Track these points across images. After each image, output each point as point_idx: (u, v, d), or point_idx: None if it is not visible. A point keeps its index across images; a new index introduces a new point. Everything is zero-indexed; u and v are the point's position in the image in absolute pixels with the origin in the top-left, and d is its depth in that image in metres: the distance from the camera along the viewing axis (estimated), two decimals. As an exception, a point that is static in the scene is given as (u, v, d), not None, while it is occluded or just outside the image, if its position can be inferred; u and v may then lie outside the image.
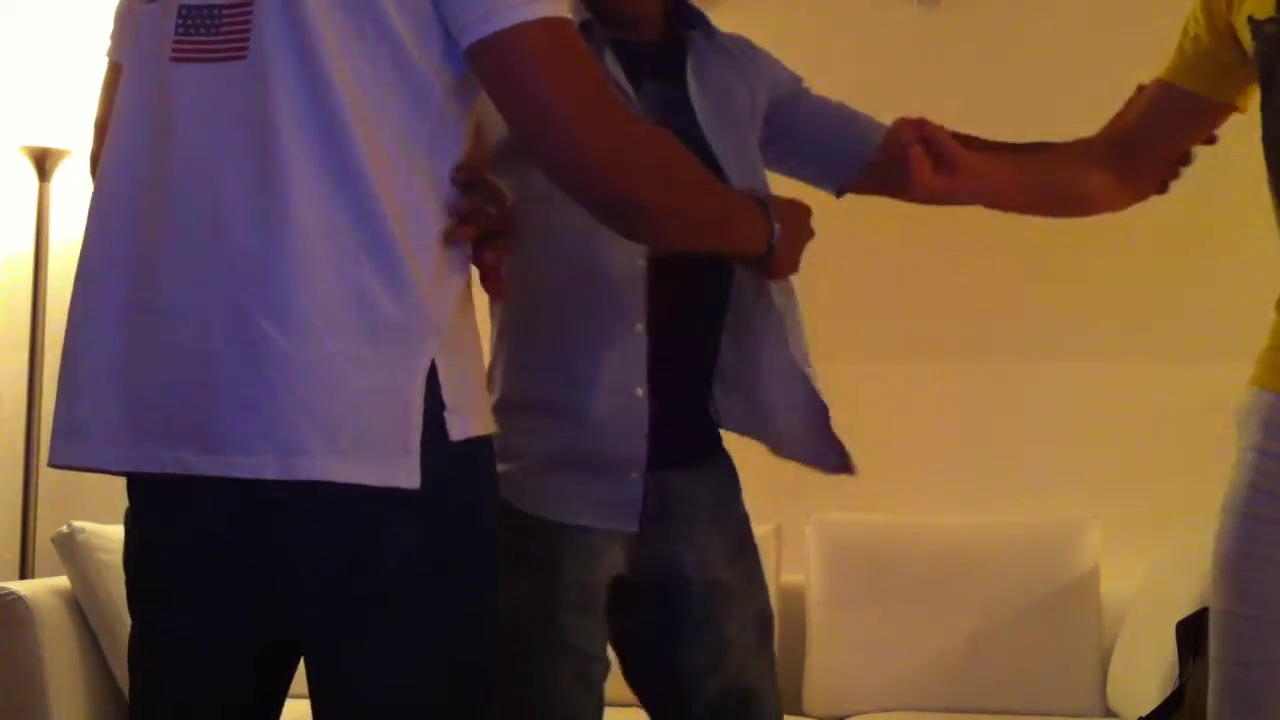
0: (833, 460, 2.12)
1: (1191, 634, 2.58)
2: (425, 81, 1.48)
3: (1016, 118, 2.02)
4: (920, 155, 1.89)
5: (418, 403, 1.45)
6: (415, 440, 1.45)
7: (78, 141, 3.61)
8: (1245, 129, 1.88)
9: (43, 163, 3.77)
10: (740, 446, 2.12)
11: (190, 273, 1.45)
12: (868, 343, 3.67)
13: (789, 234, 1.81)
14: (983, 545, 3.42)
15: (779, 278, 1.93)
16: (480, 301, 1.62)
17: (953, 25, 3.66)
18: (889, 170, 2.10)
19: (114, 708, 3.17)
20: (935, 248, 3.51)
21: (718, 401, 2.08)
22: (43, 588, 3.20)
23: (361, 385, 1.43)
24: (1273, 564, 1.74)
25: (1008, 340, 3.64)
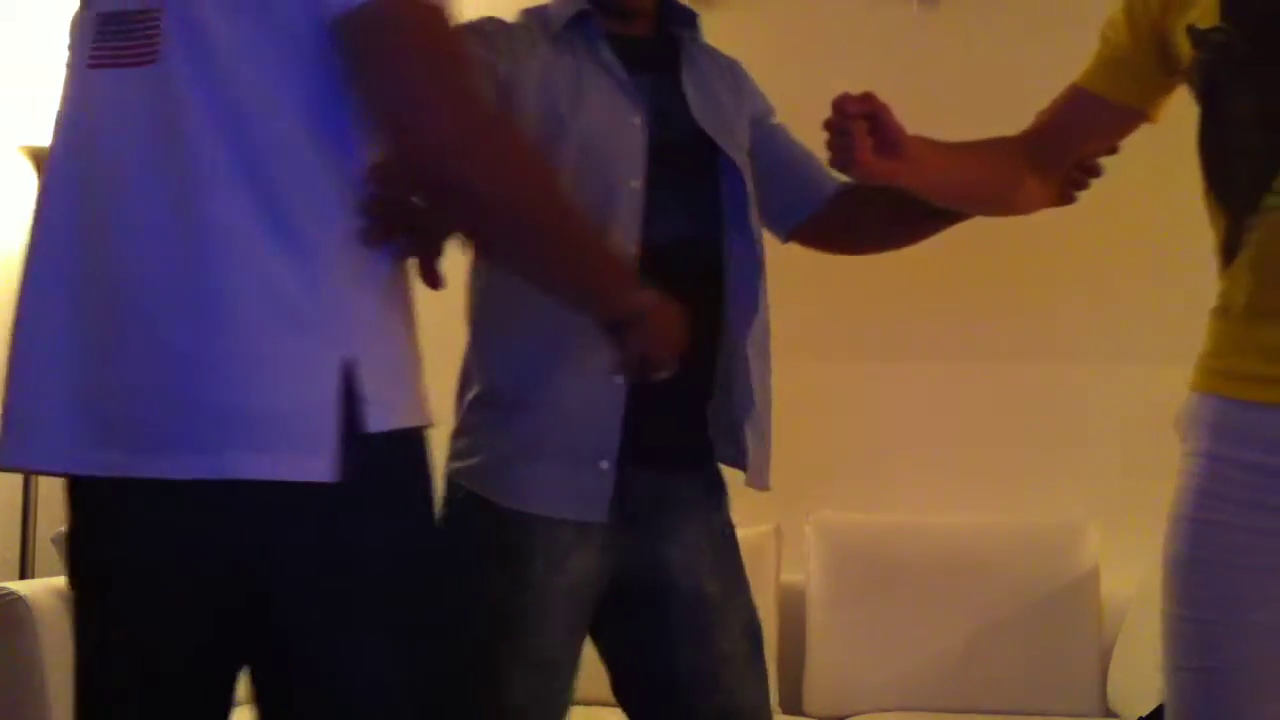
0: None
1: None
2: (327, 73, 1.48)
3: (1016, 117, 2.01)
4: (864, 131, 1.81)
5: (333, 396, 1.45)
6: (332, 434, 1.44)
7: (78, 141, 3.60)
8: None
9: (43, 163, 3.76)
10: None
11: (116, 277, 1.47)
12: (868, 343, 3.68)
13: (655, 324, 1.67)
14: (983, 545, 3.42)
15: (634, 368, 1.74)
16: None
17: (953, 25, 3.66)
18: (833, 221, 2.14)
19: (114, 708, 3.17)
20: (935, 247, 3.50)
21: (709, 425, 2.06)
22: (43, 588, 3.19)
23: (275, 380, 1.44)
24: (1224, 567, 1.74)
25: (1007, 340, 3.64)
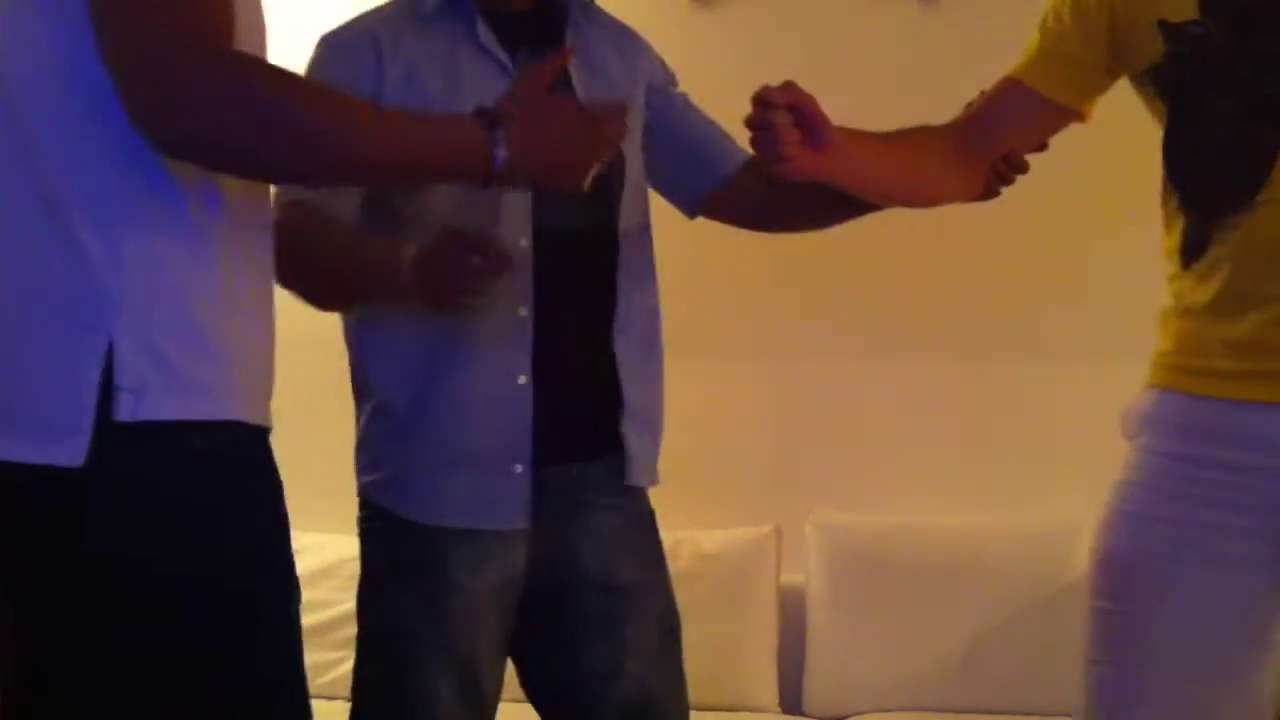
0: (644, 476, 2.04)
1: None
2: (88, 38, 1.40)
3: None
4: (789, 124, 1.72)
5: (90, 379, 1.41)
6: (84, 418, 1.40)
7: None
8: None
9: None
10: (740, 446, 2.12)
11: None
12: (868, 343, 3.67)
13: (530, 150, 1.56)
14: (983, 545, 3.42)
15: (549, 188, 1.67)
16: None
17: (953, 25, 3.65)
18: (740, 199, 2.04)
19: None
20: (935, 247, 3.51)
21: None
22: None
23: (28, 361, 1.42)
24: (1160, 560, 1.76)
25: (1008, 341, 3.63)
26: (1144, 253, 3.49)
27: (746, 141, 1.79)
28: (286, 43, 1.88)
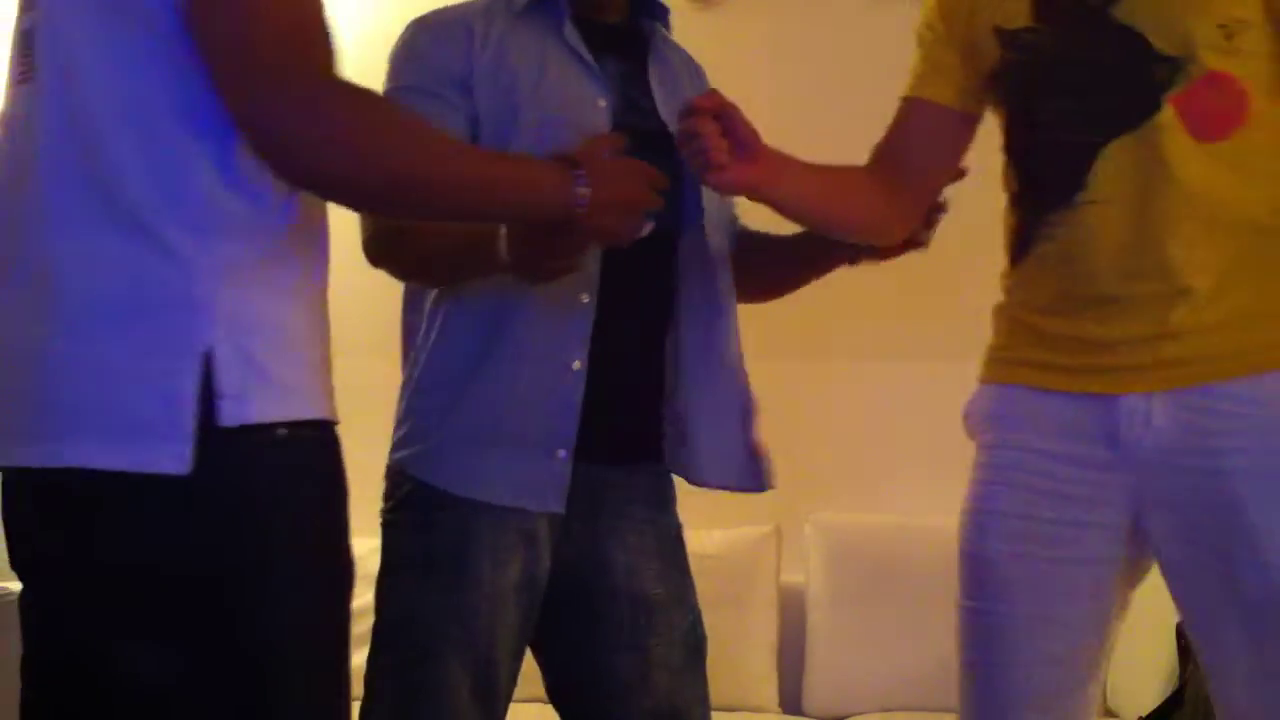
0: (755, 480, 2.05)
1: (1192, 634, 2.57)
2: (185, 58, 1.43)
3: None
4: (716, 134, 1.74)
5: (187, 385, 1.41)
6: (187, 425, 1.41)
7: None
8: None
9: None
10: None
11: (4, 279, 1.50)
12: (868, 343, 3.67)
13: (605, 194, 1.67)
14: (983, 545, 3.42)
15: (599, 242, 1.78)
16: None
17: (952, 25, 3.66)
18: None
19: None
20: (935, 247, 3.51)
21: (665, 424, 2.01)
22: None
23: (122, 369, 1.42)
24: (1015, 559, 1.80)
25: (1008, 340, 3.63)
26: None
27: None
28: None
